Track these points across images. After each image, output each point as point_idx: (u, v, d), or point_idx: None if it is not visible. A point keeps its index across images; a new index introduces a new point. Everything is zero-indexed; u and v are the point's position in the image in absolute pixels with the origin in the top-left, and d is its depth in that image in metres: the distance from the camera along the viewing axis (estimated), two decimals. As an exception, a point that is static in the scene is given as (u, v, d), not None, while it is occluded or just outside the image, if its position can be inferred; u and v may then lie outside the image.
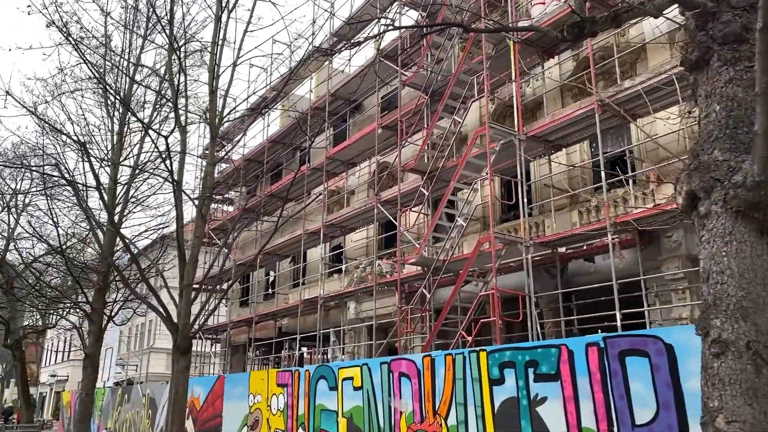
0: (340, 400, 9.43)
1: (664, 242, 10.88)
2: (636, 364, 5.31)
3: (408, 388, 8.06)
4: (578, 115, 11.74)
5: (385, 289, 17.27)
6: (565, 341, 6.01)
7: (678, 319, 10.49)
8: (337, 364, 9.88)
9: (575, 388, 5.80)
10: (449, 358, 7.47)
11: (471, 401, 7.01)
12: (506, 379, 6.58)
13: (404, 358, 8.32)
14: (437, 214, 13.33)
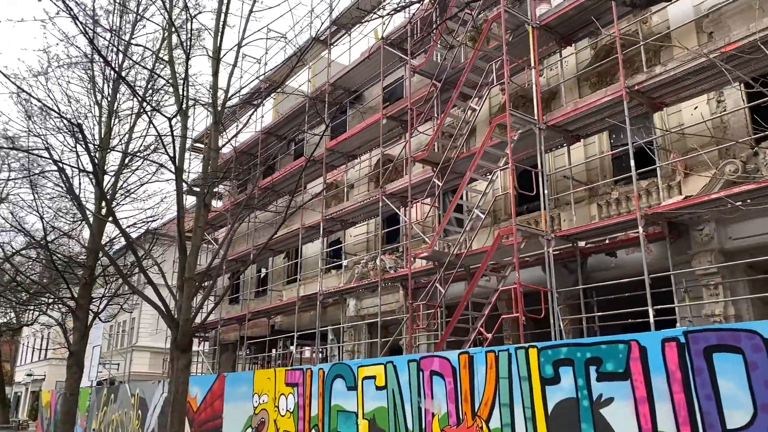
0: (360, 400, 8.79)
1: (695, 236, 10.42)
2: (726, 361, 4.76)
3: (441, 388, 7.45)
4: (603, 103, 11.23)
5: (389, 285, 16.65)
6: (636, 336, 5.45)
7: (710, 316, 10.03)
8: (357, 362, 9.23)
9: (649, 388, 5.24)
10: (491, 356, 6.87)
11: (518, 402, 6.42)
12: (562, 378, 6.00)
13: (437, 355, 7.71)
14: (452, 206, 12.75)
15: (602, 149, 13.17)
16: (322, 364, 10.14)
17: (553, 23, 12.86)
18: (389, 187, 16.36)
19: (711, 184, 10.26)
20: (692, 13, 11.93)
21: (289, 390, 10.47)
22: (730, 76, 10.46)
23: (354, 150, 19.67)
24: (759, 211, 9.80)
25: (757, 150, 9.79)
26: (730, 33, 11.16)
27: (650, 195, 11.85)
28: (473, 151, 13.04)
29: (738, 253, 10.07)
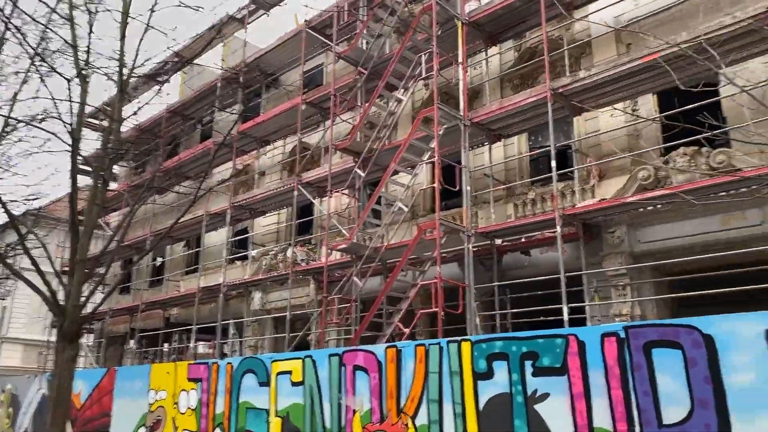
0: (273, 397, 8.21)
1: (607, 238, 10.76)
2: (666, 356, 4.74)
3: (365, 384, 7.07)
4: (528, 103, 11.35)
5: (299, 278, 16.06)
6: (575, 330, 5.35)
7: (617, 315, 10.38)
8: (271, 356, 8.63)
9: (586, 384, 5.15)
10: (421, 350, 6.58)
11: (448, 398, 6.18)
12: (496, 373, 5.81)
13: (361, 349, 7.32)
14: (374, 198, 12.41)
15: (521, 150, 13.36)
16: (231, 358, 9.46)
17: (482, 21, 12.88)
18: (306, 176, 15.77)
19: (625, 188, 10.62)
20: (613, 23, 12.35)
21: (192, 386, 9.67)
22: (647, 86, 10.94)
23: (268, 135, 18.86)
24: (667, 216, 10.28)
25: (668, 158, 10.25)
26: (645, 44, 11.67)
27: (565, 197, 12.14)
28: (397, 143, 12.78)
29: (645, 255, 10.51)
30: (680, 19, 11.36)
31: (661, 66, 10.29)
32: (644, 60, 9.88)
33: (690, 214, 10.02)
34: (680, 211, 10.12)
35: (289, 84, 19.57)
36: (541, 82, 13.22)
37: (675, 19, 11.49)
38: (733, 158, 9.46)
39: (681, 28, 11.25)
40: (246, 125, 18.38)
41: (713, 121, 8.66)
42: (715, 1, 11.10)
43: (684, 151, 10.00)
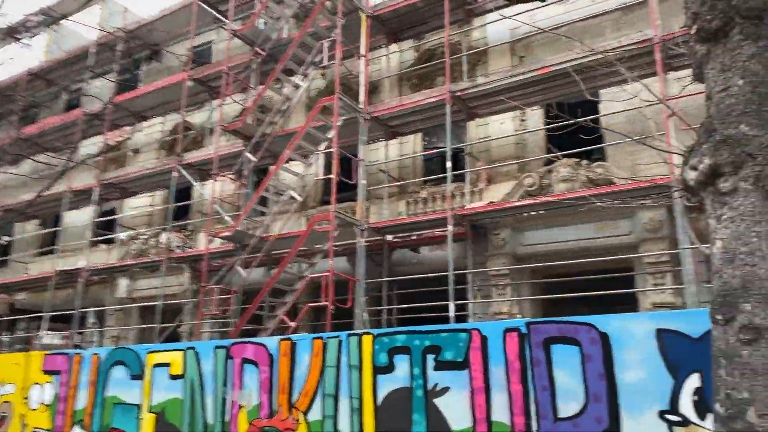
0: (147, 391, 7.53)
1: (492, 239, 11.17)
2: (564, 353, 4.91)
3: (254, 378, 6.69)
4: (427, 103, 11.50)
5: (174, 265, 15.07)
6: (477, 325, 5.39)
7: (498, 314, 10.81)
8: (147, 347, 7.91)
9: (487, 378, 5.21)
10: (318, 343, 6.33)
11: (345, 393, 5.99)
12: (397, 367, 5.72)
13: (252, 341, 6.90)
14: (263, 185, 11.89)
15: (416, 149, 13.53)
16: (97, 349, 8.59)
17: (385, 16, 12.85)
18: (188, 157, 14.82)
19: (512, 193, 11.09)
20: (508, 35, 12.88)
21: (47, 379, 8.64)
22: (536, 98, 11.51)
23: (146, 110, 17.52)
24: (547, 221, 10.88)
25: (552, 168, 10.86)
26: (537, 58, 12.30)
27: (455, 198, 12.45)
28: (291, 130, 12.39)
29: (526, 257, 11.04)
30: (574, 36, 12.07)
31: (549, 80, 10.91)
32: (539, 72, 10.38)
33: (568, 220, 10.68)
34: (559, 218, 10.75)
35: (174, 57, 18.38)
36: (439, 84, 13.52)
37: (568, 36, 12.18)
38: (610, 171, 10.20)
39: (571, 46, 12.00)
40: (122, 97, 16.93)
41: (590, 136, 9.35)
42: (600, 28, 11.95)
43: (566, 162, 10.63)
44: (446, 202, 12.23)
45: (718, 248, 3.56)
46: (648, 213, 9.82)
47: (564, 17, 12.38)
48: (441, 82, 13.55)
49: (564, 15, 12.40)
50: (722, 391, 3.30)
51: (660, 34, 9.52)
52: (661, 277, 9.57)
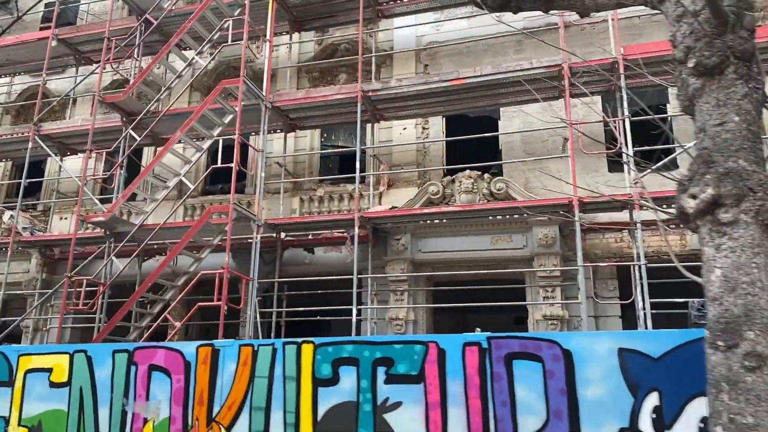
0: (17, 401, 6.31)
1: (392, 244, 11.11)
2: (526, 368, 4.90)
3: (164, 388, 5.87)
4: (335, 99, 11.15)
5: (18, 250, 13.04)
6: (435, 338, 5.20)
7: (394, 319, 10.77)
8: (16, 348, 6.62)
9: (443, 393, 5.04)
10: (247, 351, 5.72)
11: (278, 406, 5.47)
12: (342, 379, 5.34)
13: (163, 346, 6.06)
14: (149, 167, 10.67)
15: (313, 145, 13.07)
16: None
17: (292, 2, 12.27)
18: (48, 128, 12.92)
19: (414, 199, 11.13)
20: (414, 42, 12.96)
21: None
22: (441, 108, 11.69)
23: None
24: (446, 230, 11.08)
25: (455, 178, 11.07)
26: (441, 70, 12.52)
27: (352, 199, 12.22)
28: (184, 109, 11.32)
29: (424, 264, 11.14)
30: (477, 53, 12.47)
31: (457, 91, 11.15)
32: (453, 83, 10.54)
33: (465, 230, 10.97)
34: (457, 227, 11.01)
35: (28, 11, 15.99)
36: (341, 81, 13.23)
37: (471, 53, 12.57)
38: (510, 187, 10.64)
39: (474, 63, 12.39)
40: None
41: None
42: (503, 48, 12.47)
43: (469, 174, 10.91)
44: (354, 203, 11.97)
45: (717, 276, 3.72)
46: (542, 229, 10.38)
47: (468, 32, 12.76)
48: (343, 79, 13.29)
49: (468, 30, 12.78)
50: (725, 415, 3.44)
51: (567, 62, 10.09)
52: (551, 290, 10.15)
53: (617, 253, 10.53)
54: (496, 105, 11.70)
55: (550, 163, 11.46)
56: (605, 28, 11.63)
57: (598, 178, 11.03)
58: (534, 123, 11.82)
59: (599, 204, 9.53)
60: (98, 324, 10.76)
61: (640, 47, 9.75)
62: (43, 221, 14.16)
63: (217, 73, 13.65)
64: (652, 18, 11.45)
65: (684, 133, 11.03)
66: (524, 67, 10.32)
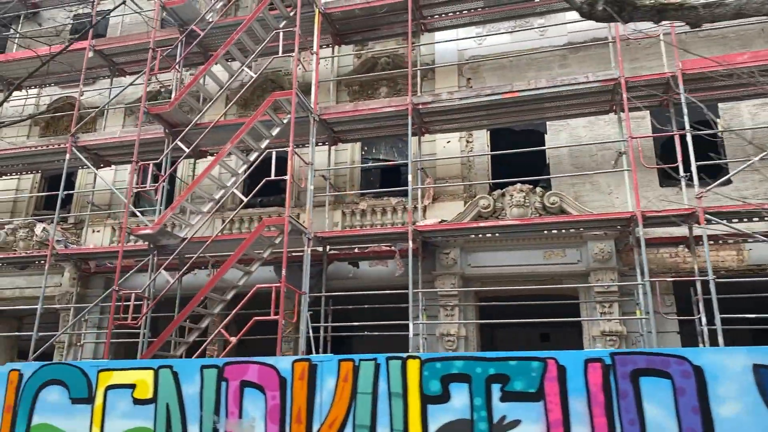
0: (98, 418, 6.07)
1: (441, 258, 10.96)
2: (653, 385, 4.75)
3: (258, 405, 5.66)
4: (384, 112, 11.05)
5: (44, 263, 12.77)
6: (554, 354, 5.05)
7: (445, 335, 10.58)
8: (95, 364, 6.39)
9: (565, 411, 4.88)
10: (347, 366, 5.53)
11: (384, 423, 5.27)
12: (453, 397, 5.16)
13: (255, 361, 5.85)
14: (198, 180, 10.48)
15: (354, 158, 12.94)
16: (18, 364, 6.81)
17: (336, 16, 12.22)
18: (85, 139, 12.74)
19: (465, 213, 11.00)
20: (456, 55, 12.93)
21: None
22: (485, 121, 11.62)
23: (18, 78, 14.79)
24: (496, 244, 10.94)
25: (505, 192, 10.95)
26: (483, 84, 12.48)
27: (396, 213, 12.09)
28: (232, 121, 11.20)
29: (473, 279, 10.98)
30: (521, 67, 12.45)
31: (501, 106, 11.09)
32: (506, 96, 10.48)
33: (516, 245, 10.84)
34: (508, 242, 10.88)
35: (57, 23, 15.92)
36: (381, 94, 13.18)
37: (515, 67, 12.54)
38: (564, 201, 10.54)
39: (518, 77, 12.36)
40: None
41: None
42: (547, 62, 12.45)
43: (520, 188, 10.80)
44: (398, 216, 11.91)
45: None
46: (598, 243, 10.26)
47: (511, 46, 12.74)
48: (384, 92, 13.23)
49: (511, 44, 12.77)
50: None
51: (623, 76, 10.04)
52: (608, 306, 10.01)
53: (672, 268, 10.43)
54: (542, 119, 11.64)
55: (600, 177, 11.41)
56: (649, 44, 11.65)
57: (649, 192, 10.95)
58: (581, 137, 11.79)
59: (661, 218, 9.43)
60: (143, 339, 10.48)
61: (698, 62, 9.72)
62: (75, 234, 13.91)
63: (254, 86, 13.53)
64: (698, 34, 11.47)
65: (737, 149, 11.02)
66: (579, 81, 10.24)
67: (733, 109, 11.23)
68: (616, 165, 10.82)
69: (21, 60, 14.00)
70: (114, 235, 13.55)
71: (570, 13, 12.33)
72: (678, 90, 9.84)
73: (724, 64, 9.60)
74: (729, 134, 11.05)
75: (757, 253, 10.12)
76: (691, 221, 9.55)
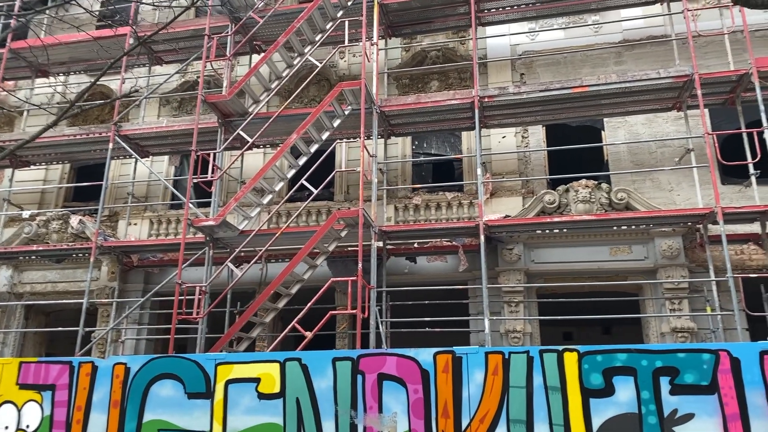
0: (220, 414, 5.75)
1: (504, 254, 10.80)
2: (837, 377, 4.66)
3: (400, 399, 5.42)
4: (448, 105, 10.86)
5: (84, 257, 12.34)
6: (726, 346, 4.91)
7: (511, 331, 10.43)
8: (213, 356, 6.05)
9: (743, 404, 4.74)
10: (495, 358, 5.32)
11: (542, 417, 5.08)
12: (617, 390, 4.99)
13: (392, 353, 5.61)
14: (262, 171, 10.12)
15: (405, 152, 12.73)
16: (124, 357, 6.46)
17: (392, 7, 11.98)
18: (128, 128, 12.30)
19: (529, 208, 10.87)
20: (508, 51, 12.80)
21: (31, 395, 6.26)
22: (543, 116, 11.50)
23: (51, 65, 14.29)
24: (560, 240, 10.83)
25: (569, 187, 10.84)
26: (538, 79, 12.38)
27: (451, 208, 11.91)
28: (295, 112, 10.90)
29: (536, 275, 10.84)
30: (575, 63, 12.37)
31: (560, 101, 10.98)
32: (575, 90, 10.37)
33: (581, 241, 10.74)
34: (573, 237, 10.77)
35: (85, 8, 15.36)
36: (432, 88, 13.01)
37: (569, 63, 12.46)
38: (631, 197, 10.46)
39: (573, 73, 12.29)
40: (22, 43, 13.62)
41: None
42: (602, 59, 12.40)
43: (585, 183, 10.70)
44: (452, 211, 11.77)
45: None
46: (666, 240, 10.21)
47: (565, 42, 12.66)
48: (435, 86, 13.06)
49: (565, 40, 12.69)
50: None
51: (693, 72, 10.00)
52: (678, 302, 9.95)
53: (738, 265, 10.40)
54: (601, 115, 11.57)
55: (660, 174, 11.38)
56: (705, 42, 11.67)
57: (710, 190, 10.92)
58: (640, 134, 11.76)
59: (739, 215, 9.41)
60: (200, 335, 10.10)
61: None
62: (110, 227, 13.44)
63: (299, 78, 13.22)
64: (754, 34, 11.50)
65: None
66: (651, 76, 10.18)
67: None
68: (681, 162, 10.80)
69: (69, 44, 13.41)
70: (152, 228, 13.11)
71: (625, 10, 12.36)
72: (750, 86, 9.85)
73: (798, 62, 9.64)
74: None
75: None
76: (765, 218, 9.55)
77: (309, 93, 13.37)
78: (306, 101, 13.42)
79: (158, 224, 13.10)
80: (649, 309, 10.40)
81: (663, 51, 11.90)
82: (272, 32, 12.23)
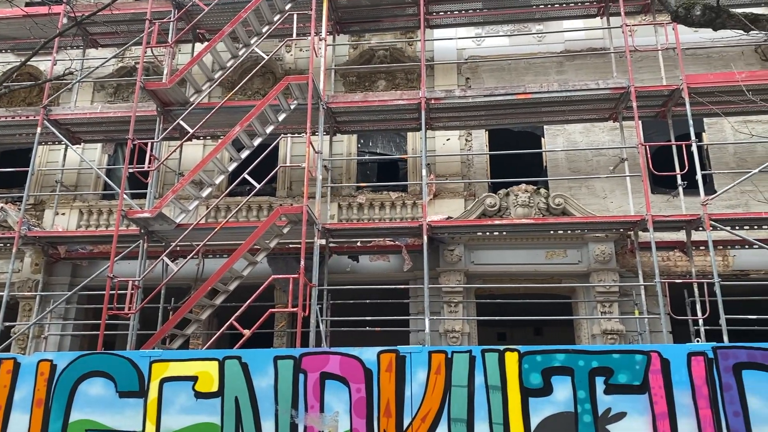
0: (153, 413, 5.51)
1: (446, 255, 10.93)
2: (757, 378, 4.93)
3: (342, 398, 5.35)
4: (395, 105, 10.89)
5: (6, 248, 11.63)
6: (657, 347, 5.11)
7: (450, 331, 10.57)
8: (147, 354, 5.77)
9: (671, 403, 4.96)
10: (438, 357, 5.34)
11: (482, 417, 5.14)
12: (555, 389, 5.12)
13: (335, 352, 5.53)
14: (204, 163, 9.81)
15: (351, 150, 12.66)
16: (50, 353, 6.10)
17: (341, 3, 11.92)
18: (59, 112, 11.66)
19: (471, 210, 11.03)
20: (454, 54, 12.97)
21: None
22: (486, 121, 11.72)
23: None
24: (500, 242, 11.07)
25: (510, 191, 11.08)
26: (483, 84, 12.61)
27: (395, 208, 11.95)
28: (240, 104, 10.63)
29: (476, 276, 11.03)
30: (519, 70, 12.67)
31: (504, 107, 11.24)
32: (519, 96, 10.61)
33: (519, 244, 11.01)
34: (511, 240, 11.02)
35: None
36: (379, 87, 13.02)
37: (513, 70, 12.75)
38: (568, 203, 10.81)
39: (516, 79, 12.59)
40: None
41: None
42: (544, 68, 12.75)
43: (525, 188, 10.98)
44: (396, 211, 11.82)
45: None
46: (599, 245, 10.61)
47: (509, 49, 12.95)
48: (382, 86, 13.06)
49: (509, 47, 12.99)
50: None
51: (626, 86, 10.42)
52: (609, 306, 10.36)
53: (664, 271, 10.92)
54: (542, 122, 11.90)
55: (595, 182, 11.81)
56: (641, 57, 12.18)
57: (641, 198, 11.43)
58: (578, 142, 12.18)
59: (667, 223, 9.88)
60: (131, 331, 9.69)
61: (703, 77, 10.31)
62: (35, 216, 12.71)
63: (243, 69, 12.92)
64: (685, 52, 12.10)
65: (718, 162, 11.77)
66: (590, 87, 10.55)
67: (717, 123, 11.96)
68: (615, 170, 11.25)
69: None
70: (82, 218, 12.50)
71: (567, 21, 12.77)
72: (681, 101, 10.35)
73: (723, 81, 10.24)
74: (712, 147, 11.82)
75: (741, 260, 10.83)
76: (690, 227, 10.06)
77: (253, 85, 13.10)
78: (250, 93, 13.15)
79: (89, 215, 12.50)
80: (582, 311, 10.78)
81: (602, 63, 12.36)
82: (217, 21, 11.93)
